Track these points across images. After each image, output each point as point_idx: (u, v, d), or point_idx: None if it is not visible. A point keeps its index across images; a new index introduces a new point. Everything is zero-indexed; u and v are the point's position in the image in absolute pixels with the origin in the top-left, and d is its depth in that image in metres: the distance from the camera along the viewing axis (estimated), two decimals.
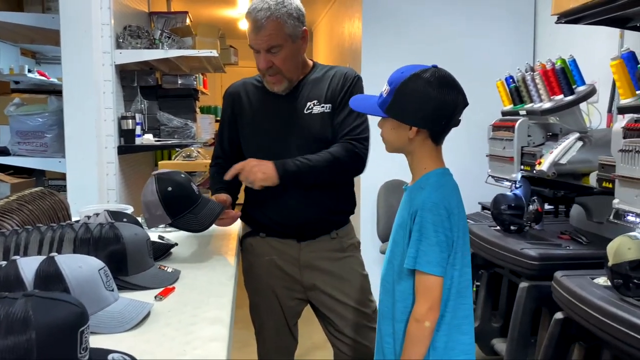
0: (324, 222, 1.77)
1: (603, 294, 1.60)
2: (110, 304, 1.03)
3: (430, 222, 1.27)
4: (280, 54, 1.66)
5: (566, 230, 2.41)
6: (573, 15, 2.28)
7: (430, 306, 1.28)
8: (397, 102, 1.29)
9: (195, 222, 1.55)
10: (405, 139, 1.32)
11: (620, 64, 1.67)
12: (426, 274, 1.28)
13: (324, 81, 1.76)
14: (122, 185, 3.01)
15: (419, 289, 1.30)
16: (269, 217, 1.77)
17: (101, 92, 2.81)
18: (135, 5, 3.48)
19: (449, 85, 1.30)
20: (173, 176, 1.58)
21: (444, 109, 1.29)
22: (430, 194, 1.30)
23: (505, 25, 3.53)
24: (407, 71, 1.30)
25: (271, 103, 1.77)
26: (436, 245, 1.27)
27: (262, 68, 1.69)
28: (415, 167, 1.38)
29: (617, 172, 1.60)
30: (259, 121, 1.78)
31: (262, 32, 1.63)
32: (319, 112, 1.73)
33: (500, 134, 2.46)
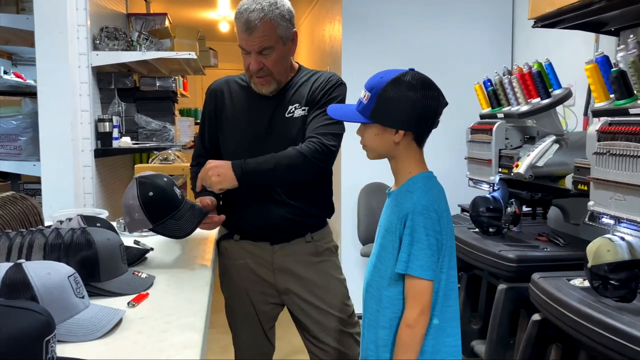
0: (298, 225, 1.75)
1: (579, 296, 1.61)
2: (80, 311, 1.01)
3: (421, 226, 1.27)
4: (271, 56, 1.64)
5: (544, 232, 2.44)
6: (549, 20, 2.31)
7: (421, 311, 1.28)
8: (381, 107, 1.29)
9: (177, 228, 1.52)
10: (391, 144, 1.32)
11: (594, 68, 1.69)
12: (417, 278, 1.27)
13: (307, 84, 1.75)
14: (99, 189, 2.96)
15: (410, 294, 1.29)
16: (243, 220, 1.75)
17: (77, 94, 2.77)
18: (113, 7, 3.44)
19: (430, 87, 1.31)
20: (155, 180, 1.55)
21: (428, 110, 1.30)
22: (420, 197, 1.30)
23: (484, 29, 3.57)
24: (386, 75, 1.30)
25: (254, 104, 1.75)
26: (427, 249, 1.27)
27: (253, 70, 1.66)
28: (399, 172, 1.37)
29: (592, 174, 1.62)
30: (240, 121, 1.76)
31: (255, 33, 1.60)
32: (300, 115, 1.71)
33: (478, 136, 2.47)
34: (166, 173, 2.39)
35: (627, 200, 1.50)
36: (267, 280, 1.78)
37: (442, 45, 3.52)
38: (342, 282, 1.83)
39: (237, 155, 1.71)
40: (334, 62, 3.83)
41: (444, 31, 3.54)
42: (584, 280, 1.74)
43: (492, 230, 2.35)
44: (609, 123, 1.58)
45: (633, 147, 1.46)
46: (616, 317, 1.43)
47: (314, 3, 4.83)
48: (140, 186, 1.52)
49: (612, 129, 1.55)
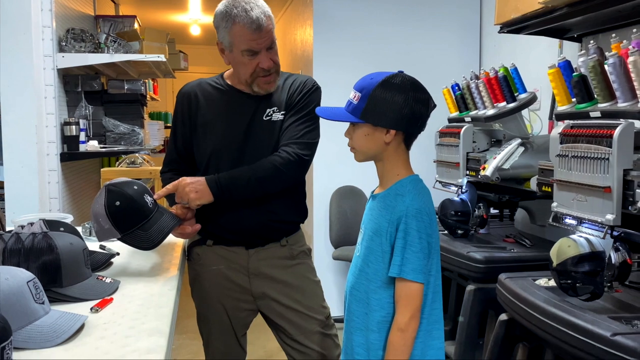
0: (274, 231, 1.74)
1: (544, 295, 1.64)
2: (39, 317, 0.98)
3: (415, 229, 1.27)
4: (275, 49, 1.65)
5: (511, 233, 2.48)
6: (514, 26, 2.36)
7: (413, 314, 1.27)
8: (373, 107, 1.29)
9: (145, 239, 1.48)
10: (381, 144, 1.32)
11: (556, 72, 1.73)
12: (410, 281, 1.26)
13: (284, 89, 1.73)
14: (65, 193, 2.90)
15: (402, 298, 1.28)
16: (217, 225, 1.72)
17: (42, 96, 2.71)
18: (80, 8, 3.38)
19: (420, 89, 1.32)
20: (124, 189, 1.50)
21: (418, 110, 1.31)
22: (413, 200, 1.30)
23: (452, 34, 3.62)
24: (377, 77, 1.31)
25: (231, 106, 1.71)
26: (420, 252, 1.27)
27: (270, 66, 1.64)
28: (387, 174, 1.37)
29: (555, 176, 1.66)
30: (217, 124, 1.71)
31: (265, 29, 1.59)
32: (278, 119, 1.70)
33: (446, 140, 2.51)
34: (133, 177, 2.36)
35: (589, 201, 1.53)
36: (242, 285, 1.74)
37: (412, 50, 3.56)
38: (318, 284, 1.82)
39: (215, 159, 1.69)
40: (306, 65, 3.84)
41: (414, 36, 3.58)
42: (549, 280, 1.77)
43: (460, 232, 2.38)
44: (571, 126, 1.62)
45: (594, 149, 1.50)
46: (579, 315, 1.46)
47: (286, 6, 4.83)
48: (108, 195, 1.48)
49: (573, 132, 1.59)
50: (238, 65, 1.67)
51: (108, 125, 2.96)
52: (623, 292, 1.65)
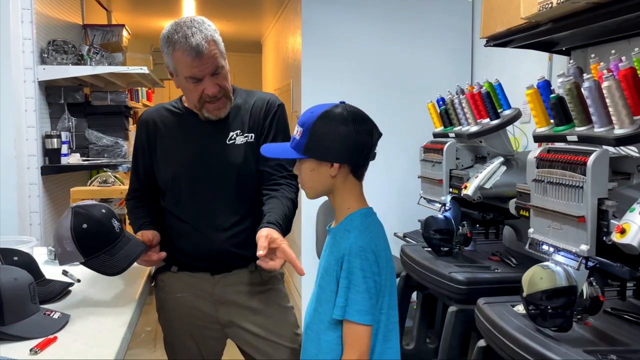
0: (240, 257, 1.68)
1: (520, 324, 1.58)
2: None
3: (358, 268, 1.23)
4: (222, 74, 1.59)
5: (497, 251, 2.42)
6: (500, 40, 2.30)
7: (359, 356, 1.23)
8: (314, 141, 1.26)
9: (110, 265, 1.44)
10: (327, 178, 1.28)
11: (535, 92, 1.67)
12: (355, 323, 1.23)
13: (246, 109, 1.69)
14: (47, 207, 2.87)
15: (348, 339, 1.25)
16: (181, 250, 1.67)
17: (22, 109, 2.68)
18: (67, 18, 3.35)
19: (361, 119, 1.28)
20: (92, 211, 1.46)
21: (361, 142, 1.27)
22: (357, 238, 1.26)
23: (444, 45, 3.56)
24: (317, 110, 1.28)
25: (189, 130, 1.67)
26: (365, 292, 1.23)
27: (214, 93, 1.59)
28: (338, 208, 1.33)
29: (532, 201, 1.60)
30: (175, 149, 1.68)
31: (207, 54, 1.53)
32: (242, 142, 1.65)
33: (430, 155, 2.45)
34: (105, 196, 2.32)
35: (564, 230, 1.48)
36: (208, 313, 1.69)
37: (402, 62, 3.51)
38: (289, 310, 1.76)
39: (176, 184, 1.65)
40: (296, 75, 3.79)
41: (404, 47, 3.53)
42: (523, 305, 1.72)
43: (444, 250, 2.33)
44: (547, 150, 1.56)
45: (568, 175, 1.44)
46: (554, 348, 1.40)
47: (278, 15, 4.79)
48: (75, 217, 1.44)
49: (549, 157, 1.53)
50: (185, 90, 1.63)
51: (91, 137, 2.93)
52: (601, 320, 1.59)
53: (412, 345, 2.66)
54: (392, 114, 3.37)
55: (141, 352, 3.27)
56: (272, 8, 4.77)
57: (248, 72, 6.83)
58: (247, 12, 5.05)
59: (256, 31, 6.02)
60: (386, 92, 3.47)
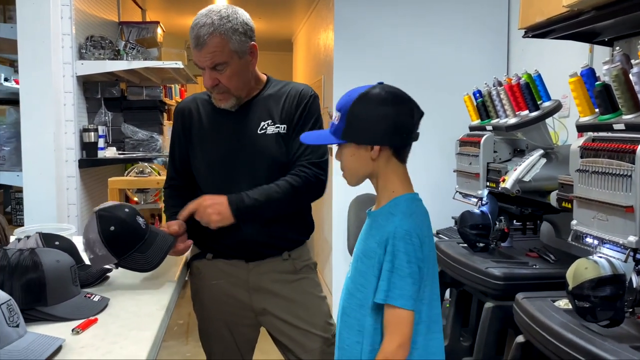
0: (273, 247, 1.69)
1: (562, 319, 1.54)
2: (12, 341, 0.95)
3: (403, 252, 1.20)
4: (226, 72, 1.59)
5: (535, 247, 2.36)
6: (539, 30, 2.24)
7: (401, 343, 1.20)
8: (352, 125, 1.23)
9: (143, 261, 1.45)
10: (368, 162, 1.26)
11: (578, 80, 1.62)
12: (398, 308, 1.19)
13: (279, 99, 1.68)
14: (84, 199, 2.92)
15: (390, 325, 1.21)
16: (216, 238, 1.67)
17: (61, 103, 2.74)
18: (103, 15, 3.41)
19: (400, 98, 1.25)
20: (116, 212, 1.46)
21: (401, 122, 1.24)
22: (402, 221, 1.22)
23: (478, 38, 3.50)
24: (354, 93, 1.25)
25: (222, 120, 1.68)
26: (409, 277, 1.19)
27: (207, 86, 1.63)
28: (382, 190, 1.30)
29: (575, 192, 1.55)
30: (209, 138, 1.70)
31: (205, 49, 1.55)
32: (273, 132, 1.65)
33: (466, 149, 2.41)
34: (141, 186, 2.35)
35: (610, 221, 1.42)
36: (242, 300, 1.70)
37: (436, 55, 3.46)
38: (323, 300, 1.75)
39: (210, 173, 1.67)
40: (327, 71, 3.78)
41: (438, 41, 3.48)
42: (569, 302, 1.66)
43: (480, 246, 2.28)
44: (592, 139, 1.51)
45: (615, 165, 1.39)
46: (599, 344, 1.35)
47: (310, 11, 4.79)
48: (101, 220, 1.44)
49: (594, 146, 1.48)
50: None
51: (127, 131, 2.98)
52: None
53: (445, 342, 2.61)
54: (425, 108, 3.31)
55: (174, 344, 3.31)
56: (304, 5, 4.77)
57: (279, 71, 6.83)
58: (279, 10, 5.07)
59: (287, 29, 6.04)
60: (419, 87, 3.37)
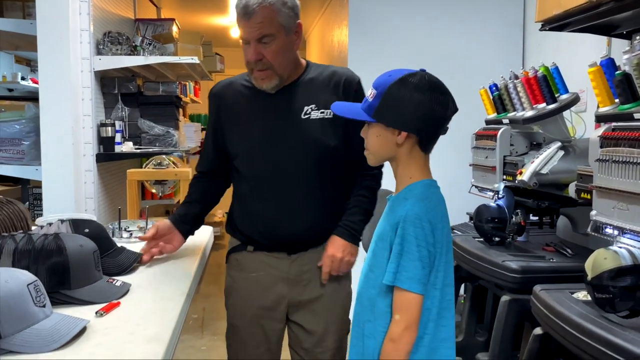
0: (313, 239, 1.64)
1: (581, 310, 1.53)
2: (39, 320, 0.97)
3: (412, 236, 1.20)
4: (271, 46, 1.51)
5: (551, 242, 2.35)
6: (557, 23, 2.23)
7: (407, 325, 1.21)
8: (385, 106, 1.23)
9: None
10: (392, 146, 1.26)
11: (598, 70, 1.61)
12: (406, 290, 1.20)
13: (322, 83, 1.62)
14: (101, 193, 2.95)
15: (397, 307, 1.22)
16: (257, 232, 1.64)
17: (79, 98, 2.77)
18: (120, 12, 3.45)
19: (439, 90, 1.25)
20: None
21: (434, 113, 1.24)
22: (413, 205, 1.23)
23: (494, 32, 3.49)
24: (394, 74, 1.24)
25: (263, 104, 1.61)
26: (418, 261, 1.20)
27: (251, 60, 1.53)
28: (400, 176, 1.31)
29: (595, 182, 1.54)
30: (249, 124, 1.62)
31: (254, 18, 1.48)
32: (318, 117, 1.59)
33: (483, 142, 2.40)
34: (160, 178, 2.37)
35: (631, 210, 1.41)
36: (280, 293, 1.65)
37: (451, 50, 3.44)
38: (349, 296, 1.74)
39: (248, 159, 1.62)
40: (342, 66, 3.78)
41: (453, 35, 3.47)
42: (588, 294, 1.65)
43: (496, 239, 2.27)
44: (612, 128, 1.50)
45: (637, 153, 1.38)
46: (619, 333, 1.35)
47: (324, 8, 4.80)
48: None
49: (615, 135, 1.47)
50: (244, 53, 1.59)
51: (143, 126, 3.00)
52: None
53: (460, 338, 2.61)
54: None
55: (189, 338, 3.33)
56: (318, 2, 4.78)
57: None
58: None
59: None
60: None
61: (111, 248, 1.46)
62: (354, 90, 1.64)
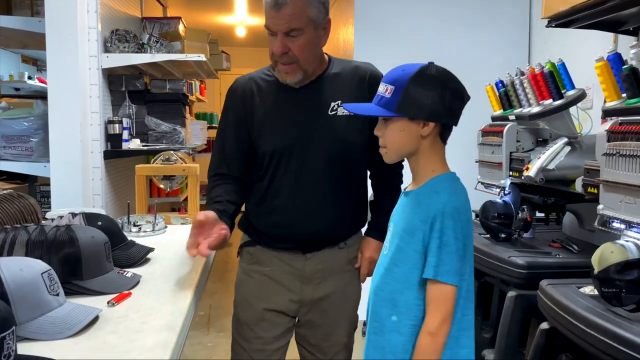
0: (335, 235, 1.62)
1: (588, 304, 1.53)
2: (53, 308, 0.98)
3: (451, 229, 1.21)
4: (299, 40, 1.46)
5: (557, 238, 2.35)
6: (563, 19, 2.23)
7: (444, 318, 1.22)
8: (408, 99, 1.22)
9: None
10: (417, 139, 1.26)
11: (605, 65, 1.61)
12: (444, 284, 1.21)
13: (346, 79, 1.58)
14: (108, 190, 2.97)
15: (434, 300, 1.22)
16: (278, 228, 1.59)
17: (87, 95, 2.79)
18: (127, 10, 3.47)
19: (454, 79, 1.28)
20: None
21: (455, 102, 1.26)
22: (450, 198, 1.24)
23: (500, 30, 3.49)
24: (409, 68, 1.25)
25: (288, 99, 1.56)
26: (455, 254, 1.21)
27: (277, 53, 1.48)
28: (421, 169, 1.30)
29: (602, 176, 1.54)
30: (275, 121, 1.56)
31: (284, 10, 1.43)
32: (345, 114, 1.54)
33: (489, 139, 2.40)
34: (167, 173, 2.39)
35: (638, 204, 1.42)
36: (293, 290, 1.61)
37: (457, 47, 3.45)
38: (359, 293, 1.73)
39: (278, 159, 1.55)
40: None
41: (459, 33, 3.47)
42: (595, 288, 1.66)
43: (502, 236, 2.27)
44: (620, 122, 1.51)
45: None
46: (627, 327, 1.35)
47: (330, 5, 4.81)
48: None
49: (622, 129, 1.48)
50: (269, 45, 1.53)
51: (150, 124, 3.02)
52: None
53: None
54: None
55: (195, 334, 3.35)
56: None
57: None
58: None
59: None
60: None
61: (123, 241, 1.47)
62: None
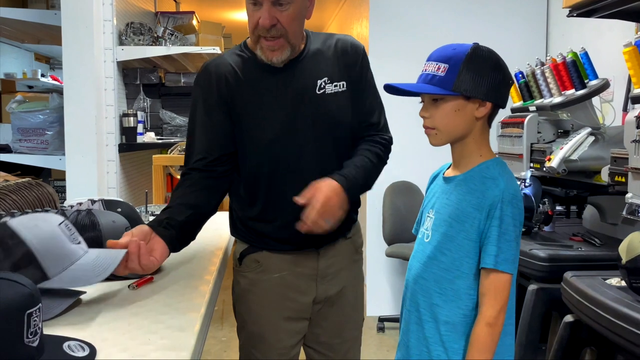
0: (342, 230, 1.47)
1: (616, 295, 1.50)
2: (80, 257, 0.97)
3: (510, 216, 1.16)
4: (288, 10, 1.31)
5: (579, 232, 2.31)
6: (584, 8, 2.19)
7: (502, 307, 1.17)
8: (466, 77, 1.17)
9: None
10: (471, 120, 1.20)
11: (633, 50, 1.58)
12: (502, 273, 1.16)
13: (328, 54, 1.43)
14: (123, 183, 2.97)
15: (491, 290, 1.17)
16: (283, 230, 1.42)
17: (102, 88, 2.78)
18: (141, 5, 3.46)
19: (502, 60, 1.24)
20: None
21: (508, 82, 1.24)
22: (508, 185, 1.18)
23: (517, 21, 3.45)
24: (460, 47, 1.21)
25: (272, 80, 1.38)
26: (514, 241, 1.17)
27: (265, 25, 1.30)
28: (469, 154, 1.23)
29: (630, 164, 1.51)
30: (262, 104, 1.38)
31: None
32: (333, 91, 1.41)
33: (509, 130, 2.36)
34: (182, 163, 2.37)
35: None
36: (306, 292, 1.48)
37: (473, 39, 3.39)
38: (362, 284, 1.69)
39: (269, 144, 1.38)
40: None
41: (475, 24, 3.43)
42: (621, 280, 1.62)
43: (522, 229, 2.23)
44: None
45: None
46: None
47: (342, 2, 4.78)
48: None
49: None
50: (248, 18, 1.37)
51: (165, 117, 3.01)
52: None
53: None
54: None
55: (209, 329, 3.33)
56: None
57: None
58: None
59: (318, 21, 6.04)
60: None
61: None
62: (363, 60, 1.47)
